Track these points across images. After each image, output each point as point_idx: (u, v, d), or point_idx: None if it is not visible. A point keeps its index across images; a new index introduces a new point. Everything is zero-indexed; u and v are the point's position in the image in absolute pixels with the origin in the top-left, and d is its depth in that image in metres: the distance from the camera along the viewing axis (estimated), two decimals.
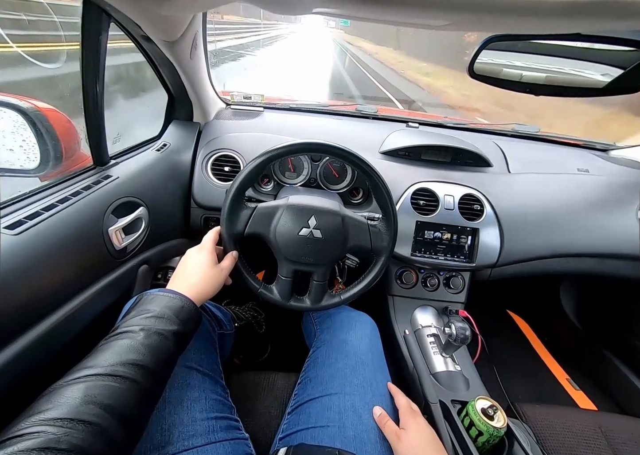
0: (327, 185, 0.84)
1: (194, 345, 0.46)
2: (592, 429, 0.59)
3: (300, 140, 0.53)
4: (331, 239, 0.55)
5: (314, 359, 0.57)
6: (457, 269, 0.81)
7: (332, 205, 0.58)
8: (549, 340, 1.20)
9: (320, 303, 0.59)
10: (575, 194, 0.85)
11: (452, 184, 0.81)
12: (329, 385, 0.50)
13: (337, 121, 1.00)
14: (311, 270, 0.58)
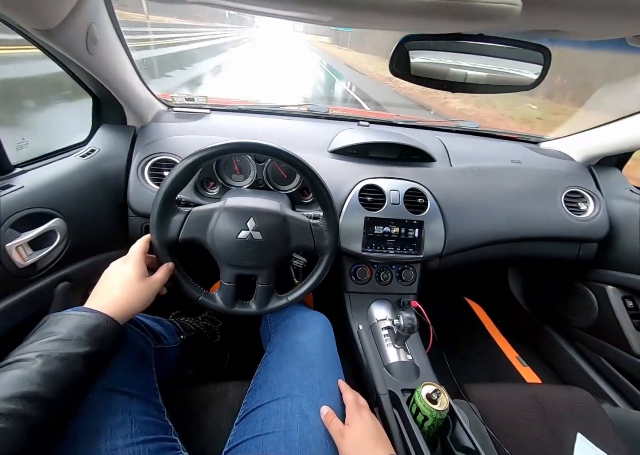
0: (275, 186, 0.83)
1: (119, 364, 0.42)
2: (530, 400, 0.63)
3: (230, 141, 0.52)
4: (272, 240, 0.54)
5: (265, 364, 0.56)
6: (407, 262, 0.83)
7: (272, 205, 0.57)
8: (501, 323, 1.29)
9: (266, 306, 0.58)
10: (509, 184, 0.91)
11: (398, 180, 0.84)
12: (278, 389, 0.49)
13: (287, 122, 0.99)
14: (254, 274, 0.56)
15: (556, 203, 0.90)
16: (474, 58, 0.59)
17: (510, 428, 0.59)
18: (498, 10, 0.23)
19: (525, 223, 0.87)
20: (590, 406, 0.63)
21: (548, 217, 0.88)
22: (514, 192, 0.90)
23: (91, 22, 0.56)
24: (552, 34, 0.34)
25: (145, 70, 5.53)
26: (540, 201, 0.90)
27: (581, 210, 0.91)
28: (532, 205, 0.88)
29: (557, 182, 0.93)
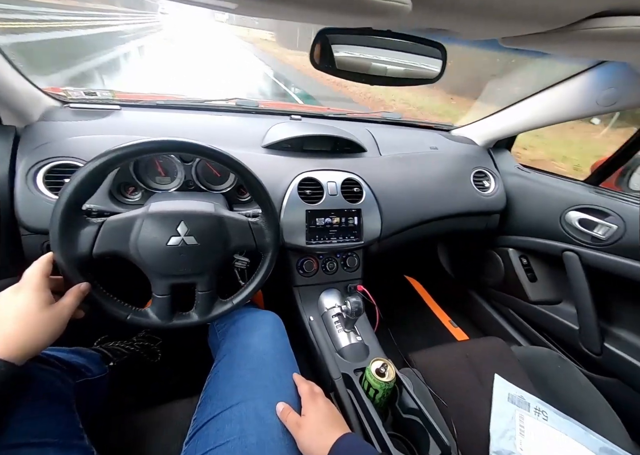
0: (209, 186, 0.77)
1: (25, 413, 0.35)
2: (460, 356, 0.74)
3: (145, 139, 0.46)
4: (209, 244, 0.51)
5: (214, 374, 0.53)
6: (350, 249, 0.87)
7: (205, 207, 0.53)
8: (435, 293, 1.46)
9: (210, 314, 0.54)
10: (430, 168, 1.02)
11: (333, 171, 0.86)
12: (230, 397, 0.47)
13: (214, 118, 0.93)
14: (192, 281, 0.53)
15: (467, 182, 1.04)
16: (387, 53, 0.63)
17: (446, 383, 0.67)
18: (391, 7, 0.25)
19: (446, 202, 0.99)
20: (502, 350, 0.77)
21: (462, 195, 1.02)
22: (435, 175, 1.01)
23: None
24: (443, 32, 0.38)
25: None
26: (456, 182, 1.03)
27: (485, 187, 1.07)
28: (450, 186, 1.01)
29: (466, 164, 1.07)
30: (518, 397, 0.65)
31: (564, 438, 0.58)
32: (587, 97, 0.76)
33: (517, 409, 0.63)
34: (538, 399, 0.65)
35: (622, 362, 0.79)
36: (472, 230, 1.08)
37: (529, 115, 0.95)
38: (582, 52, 0.44)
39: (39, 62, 5.13)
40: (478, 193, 1.03)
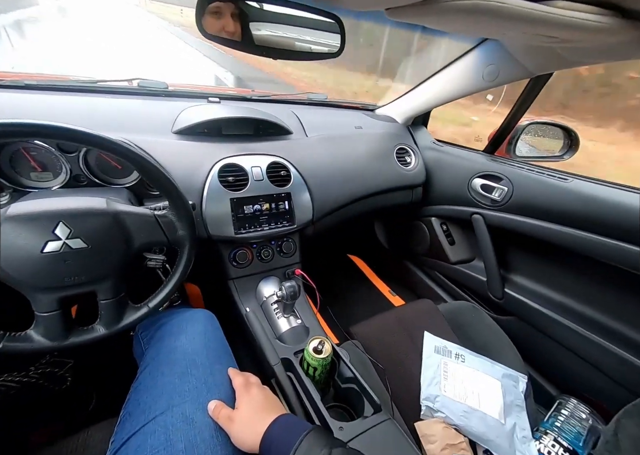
0: (108, 180, 0.67)
1: None
2: (395, 321, 0.80)
3: None
4: (104, 245, 0.44)
5: (136, 387, 0.49)
6: (284, 234, 0.86)
7: (94, 203, 0.45)
8: (376, 268, 1.56)
9: (120, 323, 0.49)
10: (356, 148, 1.04)
11: (257, 155, 0.82)
12: (153, 407, 0.43)
13: (111, 101, 0.79)
14: (90, 290, 0.46)
15: (391, 159, 1.09)
16: (289, 28, 0.60)
17: (384, 348, 0.73)
18: None
19: (373, 179, 1.03)
20: (430, 309, 0.86)
21: (388, 171, 1.07)
22: (361, 154, 1.04)
23: None
24: (330, 2, 0.37)
25: None
26: (381, 159, 1.07)
27: (408, 162, 1.15)
28: (376, 164, 1.05)
29: (389, 141, 1.13)
30: (442, 347, 0.74)
31: (476, 373, 0.68)
32: (475, 73, 0.85)
33: (442, 357, 0.71)
34: (458, 346, 0.75)
35: (518, 303, 0.96)
36: (400, 204, 1.16)
37: (435, 92, 1.03)
38: (452, 27, 0.47)
39: None
40: (401, 168, 1.10)
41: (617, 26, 0.42)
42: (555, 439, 0.60)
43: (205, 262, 0.75)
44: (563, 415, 0.66)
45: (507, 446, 0.56)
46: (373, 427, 0.47)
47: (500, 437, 0.57)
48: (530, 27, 0.43)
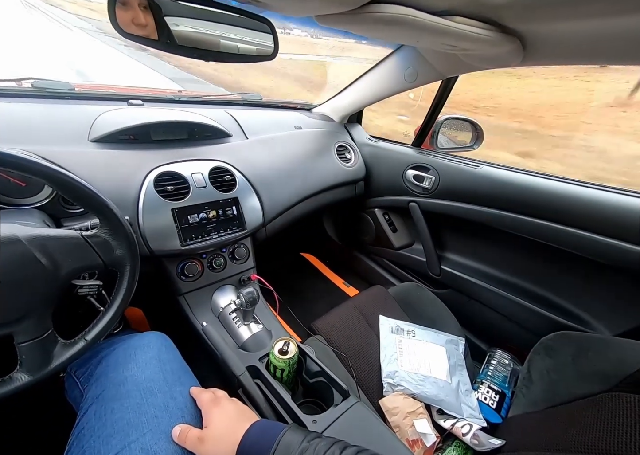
0: (11, 201, 0.56)
1: None
2: (352, 310, 0.85)
3: None
4: (19, 278, 0.38)
5: (78, 433, 0.43)
6: (235, 240, 0.84)
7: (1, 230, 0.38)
8: (329, 262, 1.61)
9: (49, 365, 0.42)
10: (298, 147, 1.06)
11: (196, 161, 0.78)
12: (104, 451, 0.39)
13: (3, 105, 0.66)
14: (5, 334, 0.39)
15: (331, 157, 1.14)
16: (218, 26, 0.58)
17: (345, 338, 0.77)
18: None
19: (317, 177, 1.06)
20: (382, 294, 0.93)
21: (329, 169, 1.11)
22: (303, 153, 1.06)
23: None
24: (257, 4, 0.37)
25: None
26: (322, 157, 1.11)
27: (348, 159, 1.21)
28: (317, 162, 1.08)
29: (329, 139, 1.17)
30: (396, 327, 0.82)
31: (425, 345, 0.77)
32: (397, 75, 0.93)
33: (396, 336, 0.79)
34: (408, 323, 0.83)
35: (453, 277, 1.10)
36: (345, 199, 1.21)
37: (364, 92, 1.10)
38: (374, 34, 0.52)
39: None
40: (342, 165, 1.15)
41: (498, 39, 0.51)
42: (489, 386, 0.72)
43: (148, 281, 0.69)
44: (492, 364, 0.79)
45: (454, 401, 0.66)
46: (344, 413, 0.50)
47: (449, 395, 0.66)
48: (436, 37, 0.49)
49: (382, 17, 0.35)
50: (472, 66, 0.74)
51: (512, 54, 0.56)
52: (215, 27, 0.57)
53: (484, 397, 0.69)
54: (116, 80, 5.06)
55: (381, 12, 0.35)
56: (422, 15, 0.37)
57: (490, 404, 0.67)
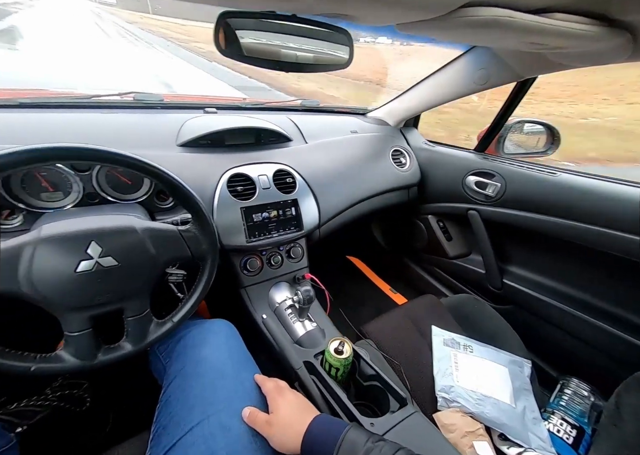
0: (119, 196, 0.67)
1: None
2: (403, 317, 0.83)
3: (14, 149, 0.37)
4: (134, 262, 0.45)
5: (165, 400, 0.49)
6: (292, 240, 0.88)
7: (121, 221, 0.46)
8: (375, 267, 1.60)
9: (147, 339, 0.49)
10: (354, 151, 1.07)
11: (262, 164, 0.84)
12: (189, 419, 0.44)
13: (107, 116, 0.78)
14: (118, 308, 0.46)
15: (387, 161, 1.13)
16: (295, 39, 0.62)
17: (397, 345, 0.76)
18: None
19: (372, 182, 1.07)
20: (435, 304, 0.90)
21: (384, 173, 1.11)
22: (358, 158, 1.07)
23: None
24: (343, 17, 0.39)
25: None
26: (377, 162, 1.11)
27: (403, 163, 1.19)
28: (372, 166, 1.08)
29: (384, 144, 1.16)
30: (450, 339, 0.78)
31: (485, 362, 0.72)
32: (466, 77, 0.89)
33: (451, 350, 0.75)
34: (464, 337, 0.79)
35: (516, 292, 1.01)
36: (397, 204, 1.19)
37: (426, 96, 1.07)
38: (460, 38, 0.50)
39: None
40: (397, 170, 1.14)
41: (603, 34, 0.46)
42: (562, 418, 0.64)
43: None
44: (567, 394, 0.71)
45: (520, 428, 0.60)
46: (402, 421, 0.50)
47: (514, 420, 0.61)
48: (531, 36, 0.46)
49: (476, 20, 0.34)
50: (560, 65, 0.68)
51: (618, 49, 0.51)
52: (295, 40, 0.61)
53: (556, 430, 0.62)
54: (191, 89, 5.72)
55: (475, 15, 0.34)
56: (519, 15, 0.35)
57: (565, 438, 0.60)
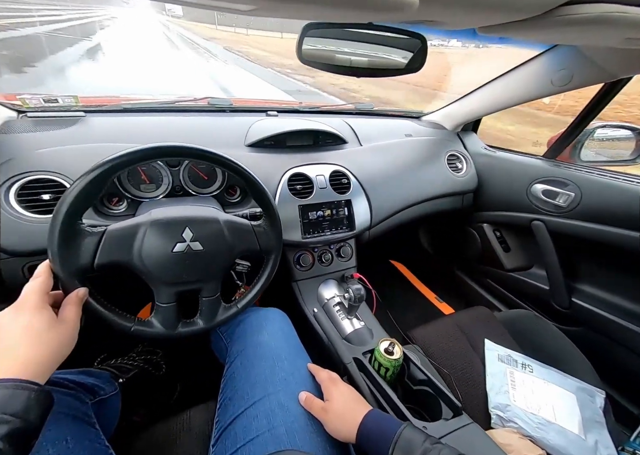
0: (197, 190, 0.75)
1: (51, 435, 0.35)
2: (453, 327, 0.80)
3: (145, 146, 0.45)
4: (214, 249, 0.51)
5: (229, 375, 0.54)
6: (343, 239, 0.90)
7: (209, 212, 0.53)
8: (420, 274, 1.55)
9: (215, 319, 0.55)
10: (408, 155, 1.06)
11: (320, 164, 0.88)
12: (251, 394, 0.48)
13: (188, 119, 0.89)
14: (198, 288, 0.52)
15: (442, 166, 1.10)
16: (374, 47, 0.65)
17: (444, 353, 0.74)
18: (401, 4, 0.26)
19: (425, 186, 1.04)
20: (488, 317, 0.85)
21: (438, 178, 1.08)
22: (412, 161, 1.05)
23: None
24: (427, 23, 0.40)
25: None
26: (431, 166, 1.08)
27: (459, 168, 1.14)
28: (427, 170, 1.06)
29: (439, 148, 1.13)
30: (506, 356, 0.73)
31: (547, 385, 0.66)
32: (543, 78, 0.83)
33: (507, 366, 0.70)
34: (523, 355, 0.73)
35: (587, 313, 0.91)
36: (450, 210, 1.15)
37: (492, 99, 1.02)
38: (551, 38, 0.48)
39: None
40: (452, 175, 1.10)
41: None
42: None
43: None
44: None
45: None
46: (456, 430, 0.49)
47: (583, 453, 0.55)
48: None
49: (579, 18, 0.32)
50: None
51: None
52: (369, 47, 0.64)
53: None
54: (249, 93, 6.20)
55: (577, 13, 0.32)
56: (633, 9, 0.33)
57: None
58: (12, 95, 0.73)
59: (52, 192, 0.60)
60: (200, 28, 22.70)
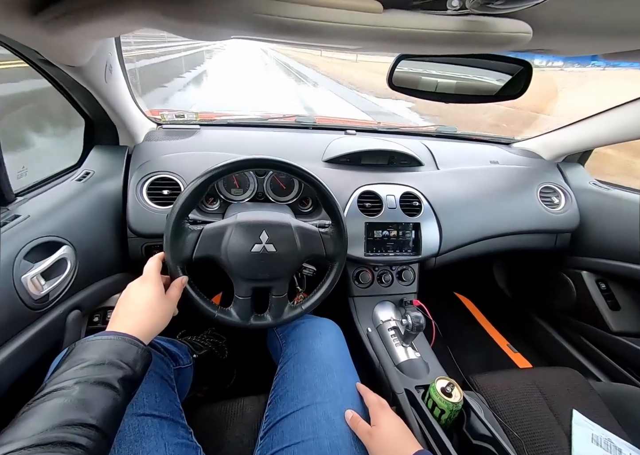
0: (275, 198, 0.84)
1: (146, 388, 0.42)
2: (529, 384, 0.68)
3: (244, 157, 0.53)
4: (285, 252, 0.56)
5: (282, 375, 0.56)
6: (406, 262, 0.87)
7: (282, 218, 0.58)
8: (490, 314, 1.36)
9: (282, 317, 0.58)
10: (491, 183, 0.98)
11: (392, 185, 0.88)
12: (300, 398, 0.49)
13: (277, 134, 1.01)
14: (269, 286, 0.57)
15: (533, 198, 0.97)
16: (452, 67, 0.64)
17: (516, 413, 0.63)
18: (515, 38, 0.26)
19: (508, 218, 0.94)
20: (580, 383, 0.70)
21: (527, 211, 0.96)
22: (496, 190, 0.97)
23: (108, 54, 0.59)
24: (542, 52, 0.38)
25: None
26: (519, 197, 0.97)
27: (555, 203, 1.00)
28: (513, 202, 0.96)
29: (531, 178, 1.01)
30: (605, 439, 0.58)
31: None
32: None
33: (604, 452, 0.56)
34: (631, 445, 0.58)
35: None
36: (538, 249, 1.00)
37: (608, 130, 0.88)
38: None
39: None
40: (546, 210, 0.96)
41: None
42: None
43: None
44: None
45: None
46: None
47: None
48: None
49: None
50: None
51: None
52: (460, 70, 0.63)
53: None
54: (329, 112, 6.74)
55: None
56: None
57: None
58: (155, 111, 0.94)
59: (170, 189, 0.75)
60: (302, 54, 25.36)
